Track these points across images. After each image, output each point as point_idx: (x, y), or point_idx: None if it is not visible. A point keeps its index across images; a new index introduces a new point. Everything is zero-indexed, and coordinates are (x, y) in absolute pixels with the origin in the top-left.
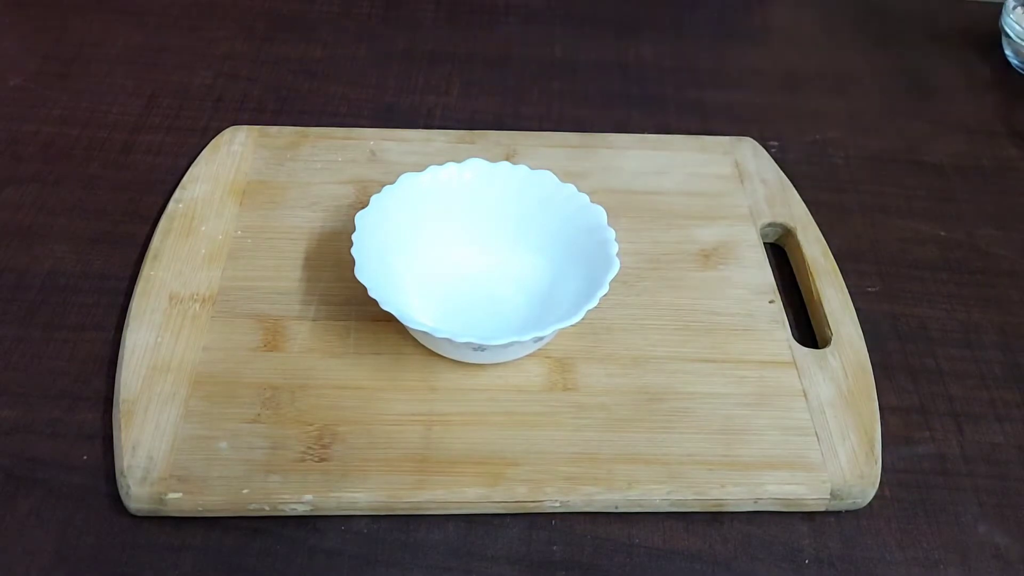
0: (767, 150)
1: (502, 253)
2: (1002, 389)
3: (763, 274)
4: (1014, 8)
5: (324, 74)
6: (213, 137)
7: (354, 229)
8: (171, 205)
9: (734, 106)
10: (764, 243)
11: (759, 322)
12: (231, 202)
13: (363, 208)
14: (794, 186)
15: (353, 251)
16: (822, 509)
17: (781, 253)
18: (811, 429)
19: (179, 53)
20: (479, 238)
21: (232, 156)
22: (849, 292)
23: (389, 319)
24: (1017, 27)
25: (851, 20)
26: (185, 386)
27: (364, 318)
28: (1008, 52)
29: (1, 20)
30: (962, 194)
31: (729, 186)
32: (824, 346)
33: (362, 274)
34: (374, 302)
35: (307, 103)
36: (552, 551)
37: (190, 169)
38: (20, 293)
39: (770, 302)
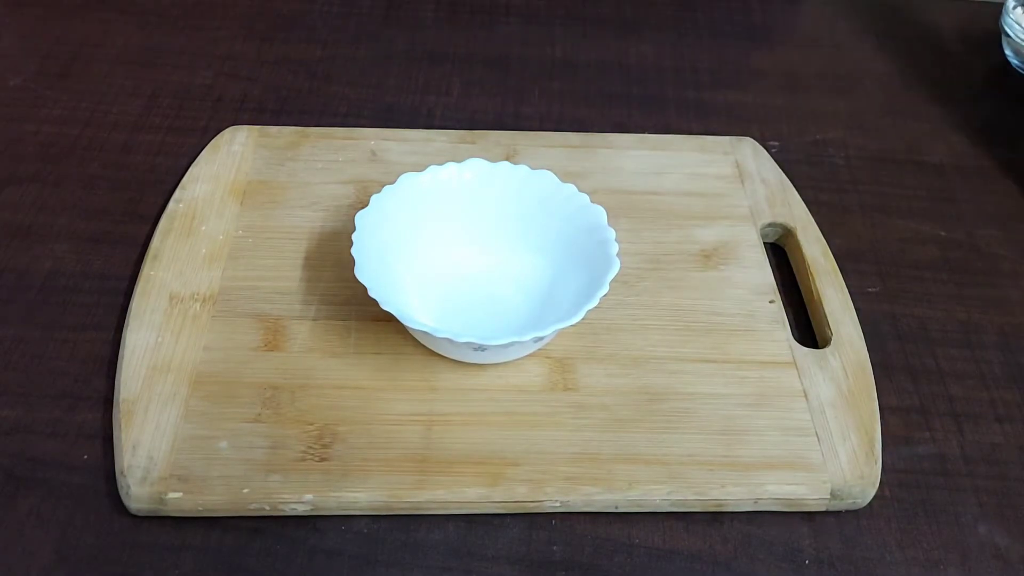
0: (767, 150)
1: (502, 253)
2: (1002, 389)
3: (763, 274)
4: (1014, 8)
5: (324, 74)
6: (213, 137)
7: (354, 229)
8: (171, 205)
9: (734, 106)
10: (764, 243)
11: (759, 322)
12: (231, 202)
13: (363, 208)
14: (794, 186)
15: (353, 251)
16: (822, 509)
17: (781, 253)
18: (811, 429)
19: (179, 53)
20: (479, 238)
21: (232, 156)
22: (849, 292)
23: (389, 319)
24: (1017, 27)
25: (851, 20)
26: (185, 386)
27: (364, 318)
28: (1008, 52)
29: (1, 20)
30: (962, 194)
31: (729, 186)
32: (824, 346)
33: (362, 274)
34: (374, 302)
35: (307, 103)
36: (552, 551)
37: (190, 169)
38: (20, 293)
39: (770, 302)
